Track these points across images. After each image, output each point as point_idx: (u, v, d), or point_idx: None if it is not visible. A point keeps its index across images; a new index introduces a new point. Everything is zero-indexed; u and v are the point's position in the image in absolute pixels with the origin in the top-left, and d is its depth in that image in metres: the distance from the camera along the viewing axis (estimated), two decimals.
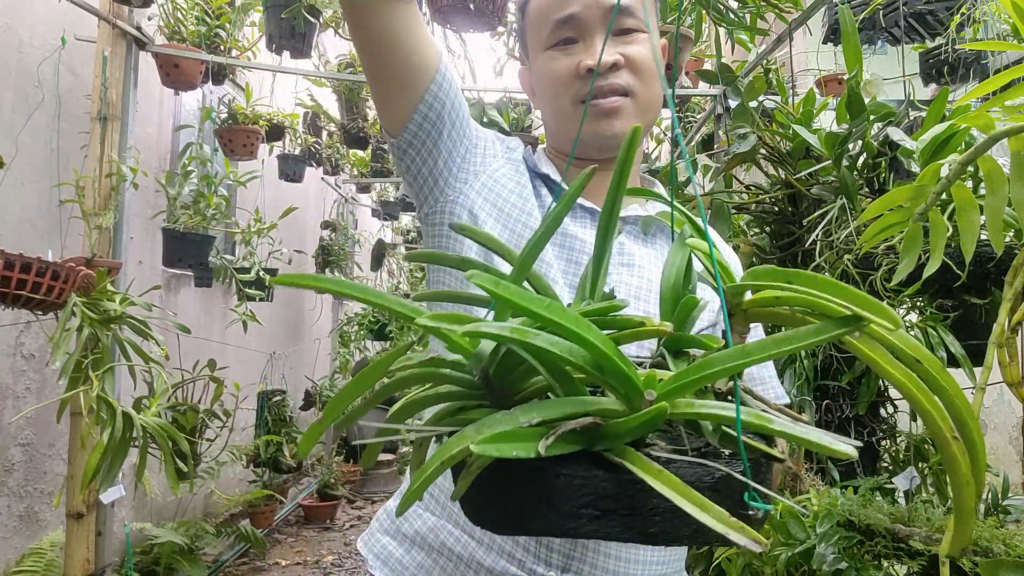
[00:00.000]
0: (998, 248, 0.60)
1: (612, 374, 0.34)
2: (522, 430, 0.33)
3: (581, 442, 0.34)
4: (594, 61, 0.81)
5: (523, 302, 0.32)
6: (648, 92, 0.86)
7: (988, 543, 0.95)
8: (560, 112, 0.86)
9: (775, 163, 1.68)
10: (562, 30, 0.84)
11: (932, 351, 1.46)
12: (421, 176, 0.87)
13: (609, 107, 0.83)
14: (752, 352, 0.34)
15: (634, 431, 0.34)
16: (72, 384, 2.07)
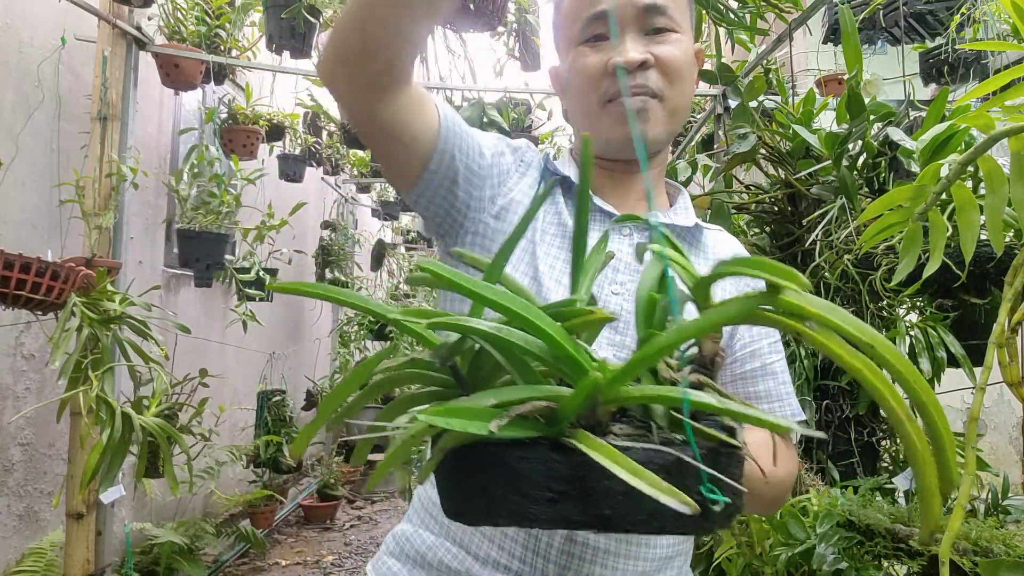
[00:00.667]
0: (998, 248, 0.60)
1: (564, 360, 0.35)
2: (477, 409, 0.34)
3: (539, 428, 0.36)
4: (623, 59, 0.79)
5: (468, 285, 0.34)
6: (677, 94, 0.84)
7: (988, 543, 0.95)
8: (588, 111, 0.84)
9: (775, 163, 1.68)
10: (593, 26, 0.82)
11: (932, 351, 1.46)
12: (439, 217, 0.86)
13: (636, 108, 0.81)
14: (686, 328, 0.36)
15: (579, 407, 0.35)
16: (72, 384, 2.07)
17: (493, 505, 0.37)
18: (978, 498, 1.43)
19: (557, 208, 0.89)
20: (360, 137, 0.80)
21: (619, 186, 0.91)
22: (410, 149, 0.79)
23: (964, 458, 0.55)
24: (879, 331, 1.45)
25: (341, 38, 0.71)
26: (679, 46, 0.83)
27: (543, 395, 0.36)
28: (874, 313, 1.50)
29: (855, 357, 0.35)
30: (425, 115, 0.79)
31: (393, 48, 0.71)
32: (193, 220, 3.04)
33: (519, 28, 3.14)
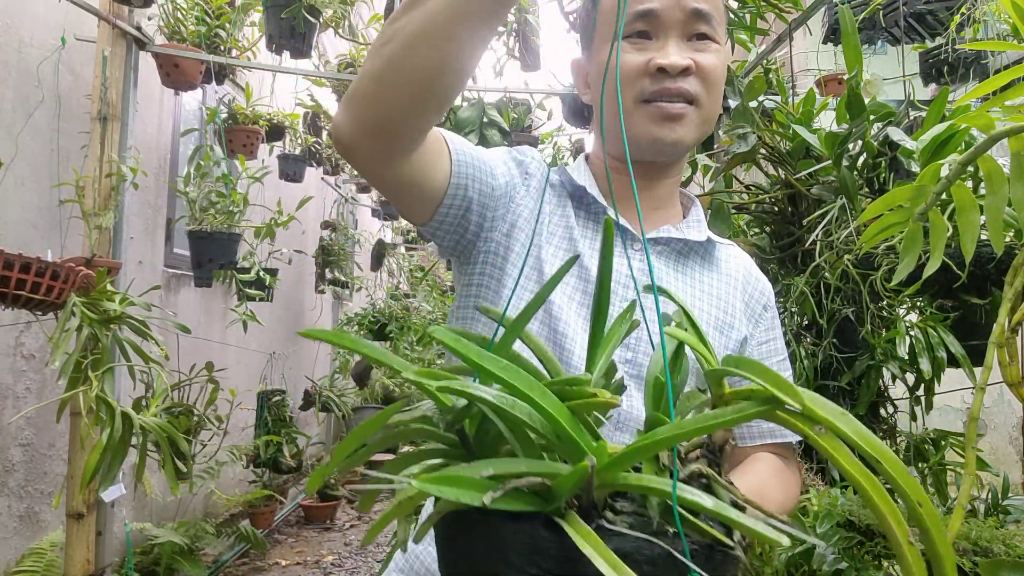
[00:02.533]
0: (998, 248, 0.60)
1: (564, 439, 0.36)
2: (472, 479, 0.35)
3: (534, 502, 0.36)
4: (667, 61, 0.79)
5: (480, 361, 0.35)
6: (712, 104, 0.84)
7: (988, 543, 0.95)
8: (622, 110, 0.82)
9: (775, 163, 1.68)
10: (637, 23, 0.81)
11: (932, 351, 1.46)
12: (453, 243, 0.86)
13: (674, 112, 0.80)
14: (686, 426, 0.36)
15: (568, 490, 0.36)
16: (72, 384, 2.07)
17: (480, 570, 0.37)
18: (978, 498, 1.43)
19: (567, 222, 0.88)
20: (374, 187, 0.79)
21: (630, 194, 0.89)
22: (426, 193, 0.78)
23: (964, 458, 0.55)
24: (879, 331, 1.45)
25: (367, 106, 0.67)
26: (718, 56, 0.83)
27: (540, 471, 0.36)
28: (874, 313, 1.50)
29: (860, 472, 0.36)
30: (441, 160, 0.78)
31: (429, 113, 0.68)
32: (203, 221, 3.04)
33: (519, 28, 3.14)
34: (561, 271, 0.50)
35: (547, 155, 4.73)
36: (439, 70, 0.64)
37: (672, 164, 0.89)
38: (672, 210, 0.93)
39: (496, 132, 3.08)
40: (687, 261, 0.89)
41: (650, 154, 0.85)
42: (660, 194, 0.90)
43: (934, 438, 1.63)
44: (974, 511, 1.39)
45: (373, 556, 4.19)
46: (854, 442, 0.35)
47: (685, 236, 0.88)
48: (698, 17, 0.81)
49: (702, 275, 0.89)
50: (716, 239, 0.92)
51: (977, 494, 1.45)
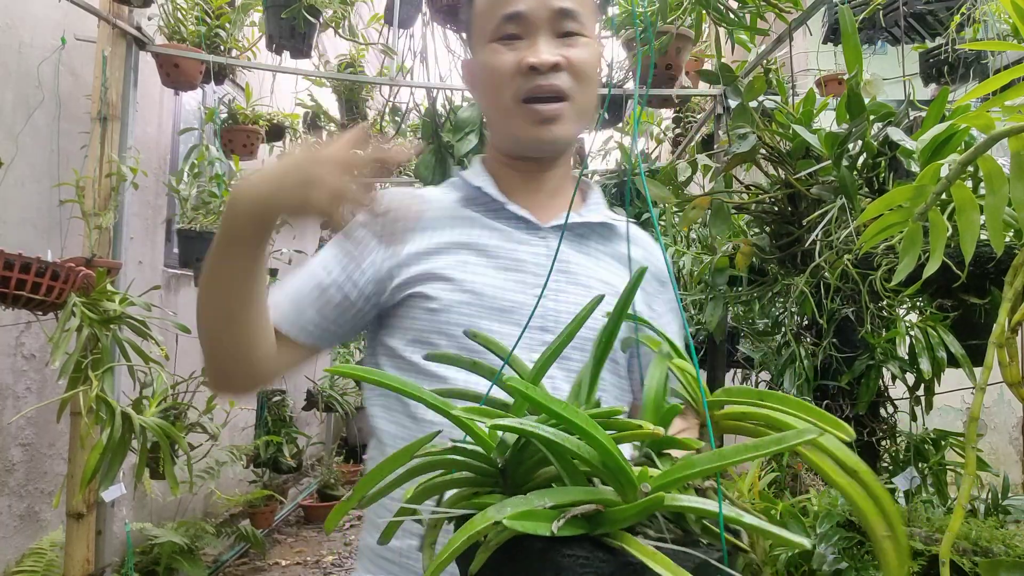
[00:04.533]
0: (998, 248, 0.60)
1: (614, 469, 0.40)
2: (539, 511, 0.39)
3: (584, 526, 0.40)
4: (536, 59, 0.83)
5: (549, 404, 0.39)
6: (585, 97, 0.88)
7: (988, 543, 0.95)
8: (501, 108, 0.87)
9: (775, 163, 1.68)
10: (507, 25, 0.85)
11: (932, 351, 1.46)
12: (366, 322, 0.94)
13: (549, 113, 0.85)
14: (727, 455, 0.40)
15: (632, 518, 0.40)
16: (72, 384, 2.07)
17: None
18: (978, 498, 1.43)
19: (464, 225, 0.91)
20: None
21: (529, 184, 0.94)
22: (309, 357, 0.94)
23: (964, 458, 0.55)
24: (879, 331, 1.45)
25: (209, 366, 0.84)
26: (588, 50, 0.87)
27: (594, 498, 0.40)
28: (874, 313, 1.50)
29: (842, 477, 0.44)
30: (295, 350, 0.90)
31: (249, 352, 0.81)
32: (194, 220, 3.04)
33: None
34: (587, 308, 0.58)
35: None
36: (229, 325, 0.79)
37: (557, 157, 0.94)
38: (568, 195, 0.97)
39: None
40: (588, 242, 0.94)
41: (533, 152, 0.90)
42: (552, 186, 0.95)
43: (934, 438, 1.63)
44: (974, 511, 1.39)
45: None
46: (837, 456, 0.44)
47: (586, 219, 0.93)
48: (564, 15, 0.85)
49: (601, 253, 0.95)
50: (614, 220, 0.97)
51: (977, 494, 1.45)
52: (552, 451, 0.42)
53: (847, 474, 0.45)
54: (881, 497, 0.44)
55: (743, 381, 2.23)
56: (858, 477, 0.44)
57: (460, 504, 0.47)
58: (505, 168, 0.94)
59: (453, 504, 0.47)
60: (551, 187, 0.95)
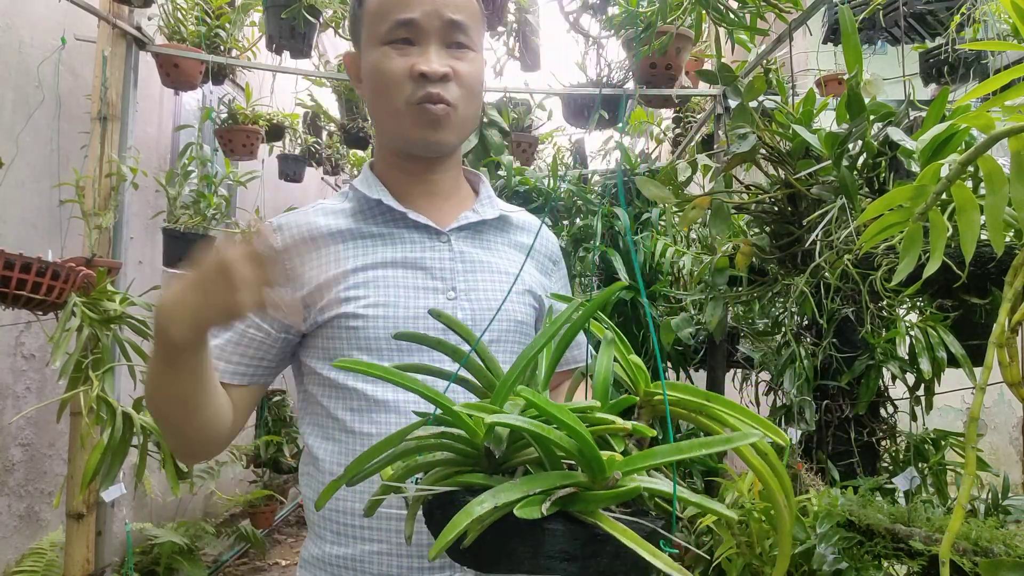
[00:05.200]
0: (998, 248, 0.60)
1: (590, 458, 0.47)
2: (531, 497, 0.46)
3: (560, 504, 0.47)
4: (428, 67, 0.87)
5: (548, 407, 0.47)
6: (470, 107, 0.92)
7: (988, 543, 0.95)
8: (392, 110, 0.90)
9: (775, 163, 1.68)
10: (400, 30, 0.88)
11: (932, 351, 1.46)
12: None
13: (437, 113, 0.88)
14: (684, 449, 0.48)
15: (609, 501, 0.48)
16: (72, 384, 2.07)
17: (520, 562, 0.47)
18: (978, 498, 1.43)
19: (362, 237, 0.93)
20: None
21: (420, 186, 0.97)
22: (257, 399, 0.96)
23: (964, 458, 0.55)
24: (879, 331, 1.45)
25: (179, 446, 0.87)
26: (474, 64, 0.92)
27: (572, 482, 0.48)
28: (874, 313, 1.50)
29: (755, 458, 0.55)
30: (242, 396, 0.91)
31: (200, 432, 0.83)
32: (179, 220, 3.03)
33: (519, 28, 3.14)
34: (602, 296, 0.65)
35: (547, 155, 4.73)
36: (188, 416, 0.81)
37: (446, 159, 0.98)
38: (462, 193, 1.02)
39: (496, 132, 3.08)
40: (485, 236, 0.99)
41: (421, 150, 0.94)
42: (445, 186, 0.99)
43: (934, 438, 1.63)
44: (974, 511, 1.39)
45: None
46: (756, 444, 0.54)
47: (482, 217, 0.98)
48: (455, 27, 0.89)
49: (500, 245, 1.00)
50: (505, 210, 1.02)
51: (977, 494, 1.45)
52: (538, 441, 0.48)
53: (759, 455, 0.55)
54: (783, 476, 0.56)
55: (743, 381, 2.23)
56: (768, 459, 0.55)
57: (441, 483, 0.52)
58: (396, 172, 0.97)
59: (433, 483, 0.52)
60: (444, 188, 0.99)
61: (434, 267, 0.92)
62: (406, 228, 0.94)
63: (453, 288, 0.92)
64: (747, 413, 0.57)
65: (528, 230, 1.05)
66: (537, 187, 2.78)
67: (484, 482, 0.50)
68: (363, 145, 4.47)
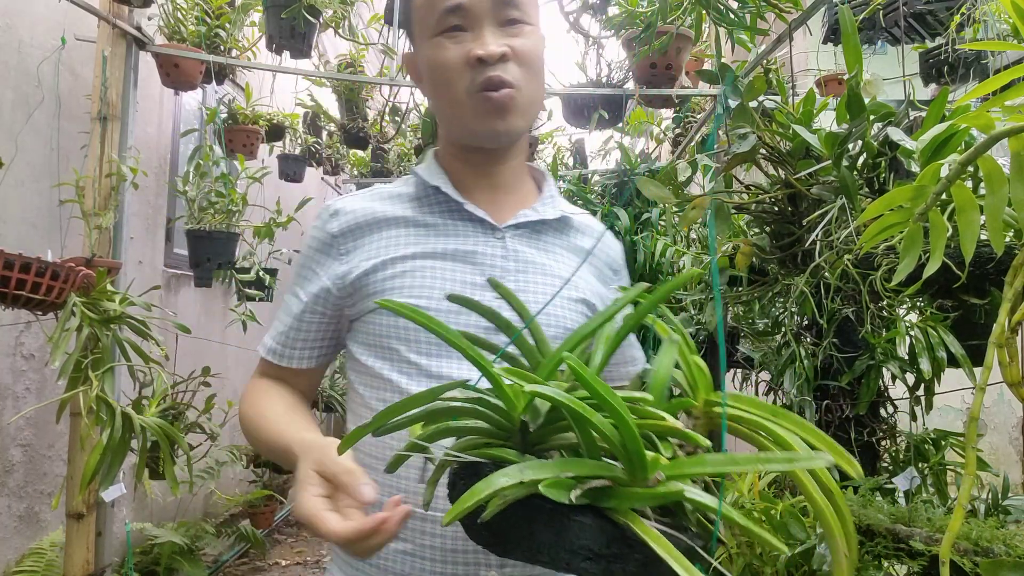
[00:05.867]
0: (998, 248, 0.60)
1: (633, 452, 0.43)
2: (561, 480, 0.42)
3: (592, 497, 0.43)
4: (484, 51, 0.82)
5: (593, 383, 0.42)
6: (534, 86, 0.88)
7: (988, 543, 0.95)
8: (453, 102, 0.87)
9: (775, 163, 1.68)
10: (449, 18, 0.85)
11: (932, 351, 1.46)
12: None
13: (501, 101, 0.84)
14: (739, 461, 0.43)
15: (646, 501, 0.43)
16: (72, 384, 2.07)
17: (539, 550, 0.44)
18: (978, 498, 1.42)
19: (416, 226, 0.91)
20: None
21: (483, 180, 0.94)
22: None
23: (964, 458, 0.55)
24: (879, 331, 1.45)
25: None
26: (532, 38, 0.87)
27: (608, 474, 0.44)
28: (874, 313, 1.50)
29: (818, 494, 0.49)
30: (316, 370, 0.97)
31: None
32: (202, 220, 3.04)
33: None
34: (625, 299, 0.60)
35: (547, 155, 4.73)
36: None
37: (511, 147, 0.94)
38: (523, 189, 0.98)
39: None
40: (543, 237, 0.95)
41: (487, 142, 0.89)
42: (507, 180, 0.95)
43: (934, 438, 1.63)
44: (974, 511, 1.39)
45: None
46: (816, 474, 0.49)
47: (542, 217, 0.93)
48: (506, 3, 0.85)
49: (557, 247, 0.96)
50: (568, 211, 0.97)
51: (977, 494, 1.45)
52: (578, 424, 0.44)
53: (823, 493, 0.48)
54: (848, 520, 0.49)
55: (743, 381, 2.23)
56: (833, 499, 0.49)
57: (470, 452, 0.48)
58: (459, 163, 0.94)
59: (461, 450, 0.49)
60: (506, 182, 0.95)
61: (484, 263, 0.89)
62: (461, 220, 0.91)
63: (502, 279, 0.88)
64: (819, 436, 0.50)
65: (589, 234, 1.01)
66: None
67: (515, 459, 0.47)
68: (363, 145, 4.47)
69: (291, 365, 0.94)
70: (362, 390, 0.90)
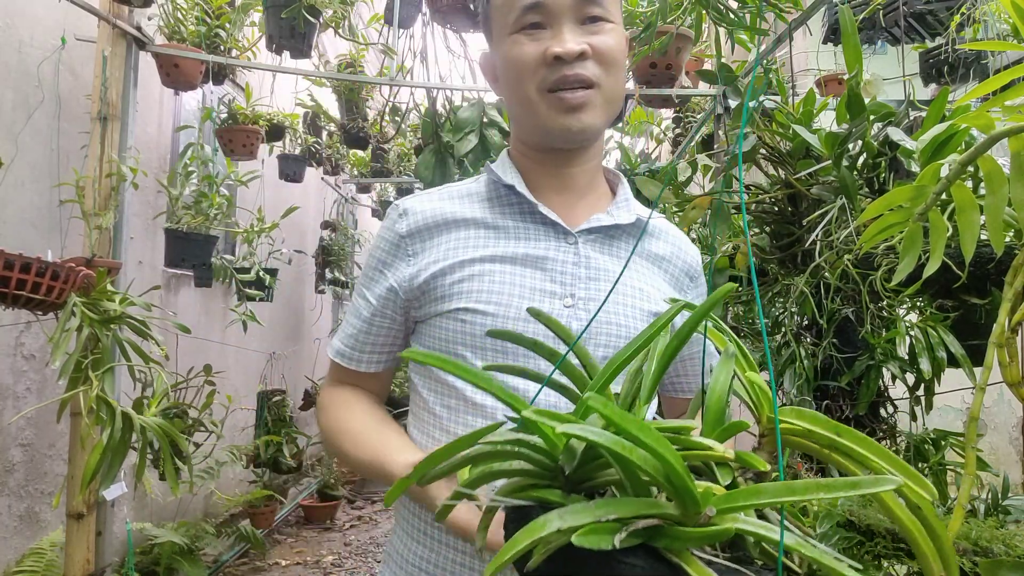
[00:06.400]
0: (998, 248, 0.60)
1: (679, 488, 0.40)
2: (601, 524, 0.39)
3: (643, 536, 0.40)
4: (561, 48, 0.80)
5: (622, 422, 0.39)
6: (613, 83, 0.85)
7: (988, 543, 0.95)
8: (526, 100, 0.84)
9: (775, 163, 1.68)
10: (529, 15, 0.83)
11: (932, 351, 1.46)
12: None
13: (576, 102, 0.82)
14: (797, 490, 0.40)
15: (697, 541, 0.40)
16: (72, 384, 2.07)
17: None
18: (978, 498, 1.42)
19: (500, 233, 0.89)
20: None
21: (556, 181, 0.91)
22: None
23: (964, 458, 0.55)
24: (879, 331, 1.45)
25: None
26: (613, 36, 0.85)
27: (656, 512, 0.41)
28: (874, 313, 1.50)
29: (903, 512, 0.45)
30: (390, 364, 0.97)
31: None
32: (181, 220, 3.03)
33: None
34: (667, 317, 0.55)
35: None
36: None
37: (587, 148, 0.91)
38: (598, 192, 0.95)
39: (496, 132, 3.08)
40: (617, 243, 0.91)
41: (561, 142, 0.87)
42: (581, 182, 0.92)
43: (934, 438, 1.63)
44: (974, 511, 1.39)
45: (372, 556, 4.19)
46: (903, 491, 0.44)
47: (616, 221, 0.90)
48: (586, 1, 0.83)
49: (643, 246, 0.94)
50: (643, 214, 0.94)
51: (977, 494, 1.45)
52: (619, 462, 0.41)
53: (910, 510, 0.44)
54: (941, 537, 0.44)
55: None
56: (920, 514, 0.44)
57: (517, 494, 0.47)
58: (531, 163, 0.91)
59: (508, 493, 0.48)
60: (581, 184, 0.92)
61: (555, 269, 0.86)
62: (533, 223, 0.89)
63: (572, 295, 0.85)
64: (886, 454, 0.47)
65: (665, 239, 0.97)
66: None
67: (560, 500, 0.45)
68: (363, 145, 4.48)
69: (360, 369, 0.93)
70: (425, 394, 0.88)
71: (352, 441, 0.88)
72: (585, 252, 0.88)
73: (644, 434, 0.39)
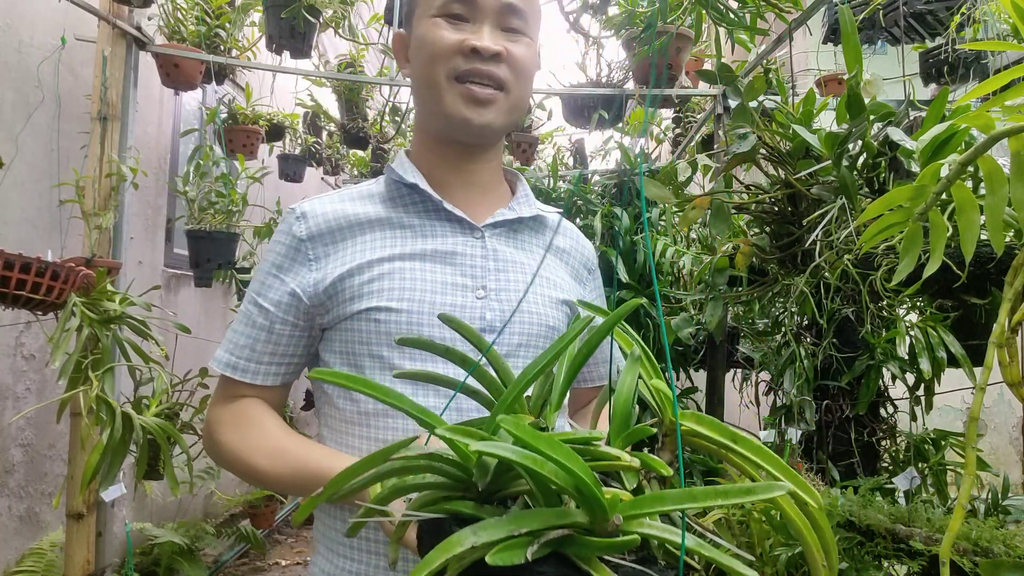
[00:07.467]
0: (998, 248, 0.60)
1: (589, 497, 0.42)
2: (515, 539, 0.41)
3: (554, 545, 0.42)
4: (480, 44, 0.83)
5: (533, 441, 0.41)
6: (520, 92, 0.88)
7: (988, 543, 0.95)
8: (434, 83, 0.85)
9: (775, 163, 1.68)
10: (455, 5, 0.85)
11: (932, 351, 1.46)
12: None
13: (484, 96, 0.84)
14: (698, 496, 0.43)
15: (603, 550, 0.42)
16: (72, 384, 2.07)
17: None
18: (978, 498, 1.43)
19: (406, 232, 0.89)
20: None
21: (459, 178, 0.93)
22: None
23: (964, 458, 0.55)
24: (879, 331, 1.45)
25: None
26: (529, 50, 0.88)
27: (567, 522, 0.42)
28: (874, 313, 1.50)
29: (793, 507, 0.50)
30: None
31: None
32: (202, 220, 3.04)
33: None
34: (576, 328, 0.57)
35: (547, 155, 4.73)
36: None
37: (490, 147, 0.93)
38: (499, 190, 0.98)
39: None
40: (520, 236, 0.95)
41: (461, 134, 0.88)
42: (484, 179, 0.94)
43: (934, 438, 1.63)
44: (974, 511, 1.39)
45: None
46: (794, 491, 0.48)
47: (519, 215, 0.93)
48: (512, 11, 0.86)
49: (535, 246, 0.96)
50: (542, 210, 0.97)
51: (977, 494, 1.45)
52: (531, 475, 0.43)
53: (798, 505, 0.49)
54: (824, 530, 0.50)
55: (743, 381, 2.23)
56: (807, 510, 0.49)
57: (429, 508, 0.48)
58: (433, 158, 0.92)
59: (421, 507, 0.48)
60: (483, 181, 0.94)
61: (465, 263, 0.87)
62: (439, 220, 0.90)
63: (483, 287, 0.87)
64: (776, 461, 0.50)
65: (563, 232, 1.01)
66: (537, 187, 2.78)
67: (474, 512, 0.46)
68: (363, 145, 4.47)
69: (256, 381, 0.88)
70: (341, 403, 0.86)
71: (268, 456, 0.83)
72: (492, 245, 0.90)
73: (554, 450, 0.40)
